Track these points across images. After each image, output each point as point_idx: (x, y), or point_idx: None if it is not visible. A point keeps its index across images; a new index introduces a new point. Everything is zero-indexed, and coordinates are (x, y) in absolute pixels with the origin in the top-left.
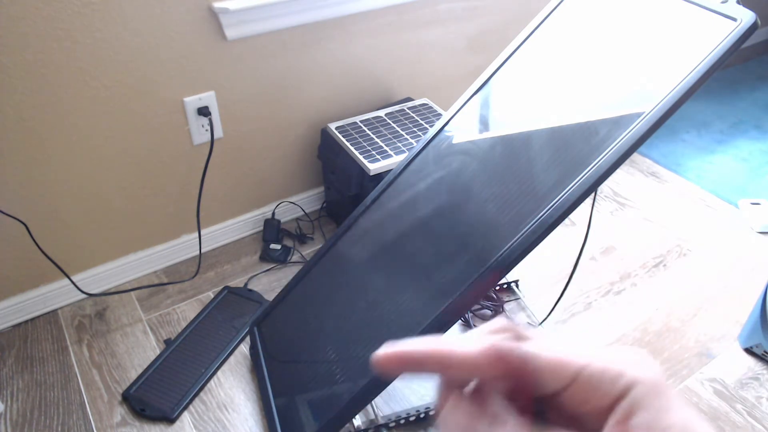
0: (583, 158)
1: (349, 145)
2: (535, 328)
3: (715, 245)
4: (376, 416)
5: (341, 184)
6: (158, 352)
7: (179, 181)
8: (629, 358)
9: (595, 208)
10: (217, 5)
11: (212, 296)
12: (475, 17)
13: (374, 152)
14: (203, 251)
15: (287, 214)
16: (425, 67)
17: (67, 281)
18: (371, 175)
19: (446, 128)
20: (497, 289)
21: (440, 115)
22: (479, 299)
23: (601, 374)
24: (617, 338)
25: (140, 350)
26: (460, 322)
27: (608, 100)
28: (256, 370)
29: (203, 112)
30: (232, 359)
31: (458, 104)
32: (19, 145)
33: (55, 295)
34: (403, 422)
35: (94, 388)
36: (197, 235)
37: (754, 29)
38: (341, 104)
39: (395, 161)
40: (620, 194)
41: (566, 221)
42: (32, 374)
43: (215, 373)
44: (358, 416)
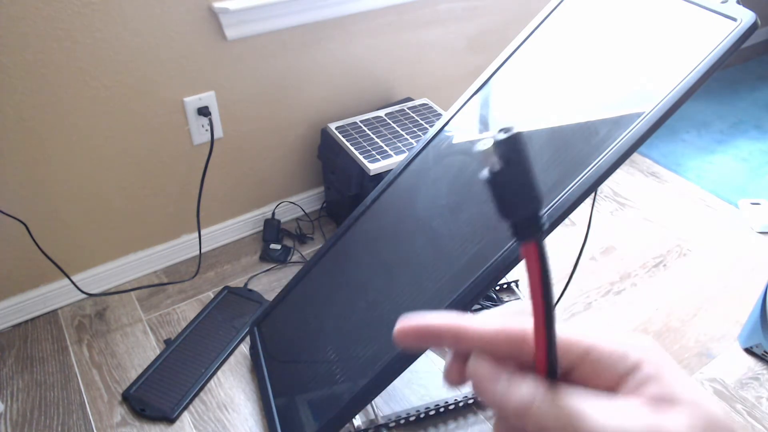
0: (583, 158)
1: (349, 145)
2: None
3: (715, 245)
4: (376, 416)
5: (341, 184)
6: (158, 352)
7: (179, 181)
8: (635, 341)
9: (595, 208)
10: (217, 5)
11: (212, 296)
12: (475, 17)
13: (374, 152)
14: (203, 251)
15: (287, 214)
16: (425, 67)
17: (67, 281)
18: (371, 175)
19: (446, 128)
20: (497, 289)
21: (440, 115)
22: (479, 299)
23: (608, 356)
24: None
25: (140, 350)
26: None
27: (608, 100)
28: (256, 370)
29: (203, 112)
30: (232, 359)
31: (458, 104)
32: (19, 145)
33: (55, 295)
34: (403, 422)
35: (94, 388)
36: (197, 235)
37: (754, 29)
38: (341, 104)
39: (395, 161)
40: (620, 194)
41: (566, 221)
42: (32, 374)
43: (215, 373)
44: (358, 416)
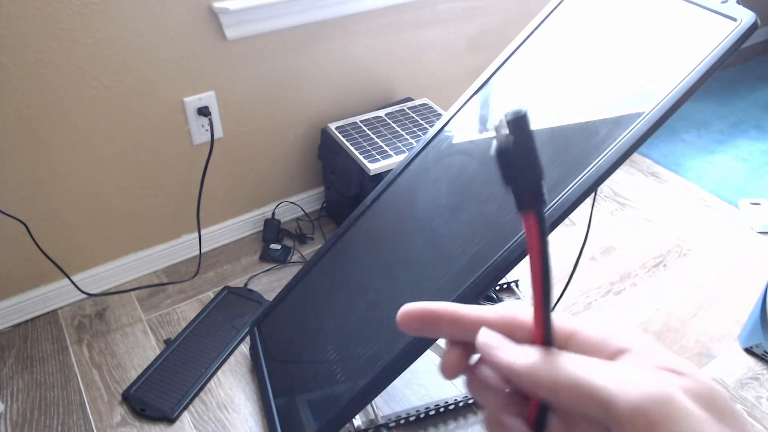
0: (583, 158)
1: (349, 145)
2: None
3: (715, 245)
4: (376, 416)
5: (341, 184)
6: (158, 352)
7: (179, 181)
8: (620, 329)
9: (595, 208)
10: (217, 5)
11: (212, 296)
12: (475, 17)
13: (374, 152)
14: (203, 251)
15: (287, 214)
16: (425, 67)
17: (67, 281)
18: (371, 175)
19: (446, 128)
20: (497, 289)
21: (440, 115)
22: (479, 299)
23: (593, 337)
24: None
25: (140, 350)
26: None
27: (608, 100)
28: (256, 370)
29: (203, 112)
30: (232, 359)
31: (458, 104)
32: (19, 145)
33: (55, 295)
34: (403, 422)
35: (94, 388)
36: (197, 235)
37: (754, 29)
38: (341, 104)
39: (395, 161)
40: (620, 194)
41: (566, 221)
42: (32, 374)
43: (215, 373)
44: (358, 416)
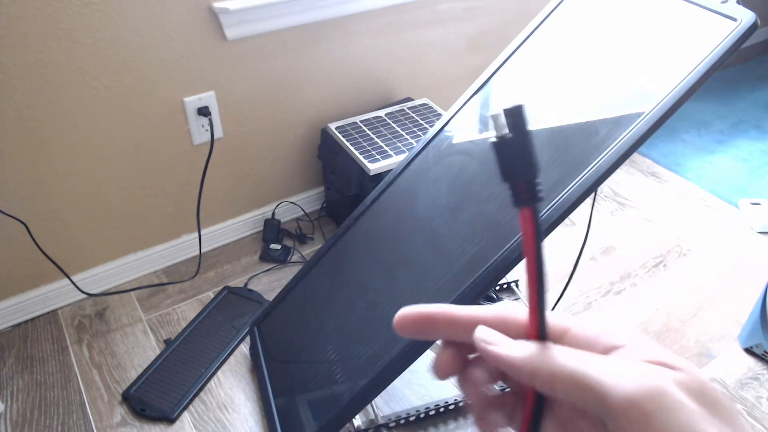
0: (583, 158)
1: (349, 145)
2: None
3: (715, 245)
4: (376, 416)
5: (341, 184)
6: (158, 352)
7: (179, 181)
8: (613, 327)
9: (595, 208)
10: (217, 5)
11: (212, 296)
12: (475, 17)
13: (374, 152)
14: (203, 251)
15: (287, 214)
16: (425, 67)
17: (67, 281)
18: (371, 175)
19: (446, 128)
20: (497, 289)
21: (440, 115)
22: (479, 299)
23: (587, 334)
24: None
25: (140, 350)
26: None
27: (608, 100)
28: (256, 370)
29: (203, 112)
30: (232, 359)
31: (458, 104)
32: (19, 145)
33: (55, 295)
34: (403, 422)
35: (94, 388)
36: (197, 235)
37: (754, 29)
38: (341, 104)
39: (395, 161)
40: (620, 194)
41: (566, 221)
42: (32, 374)
43: (215, 373)
44: (358, 416)
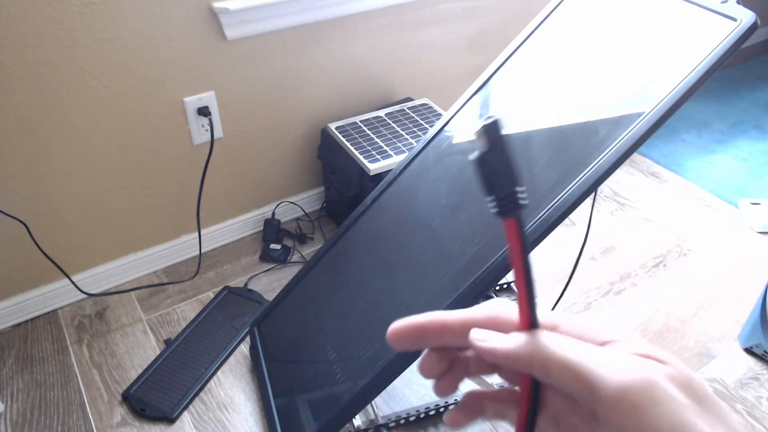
0: (583, 158)
1: (349, 145)
2: None
3: (715, 245)
4: (376, 416)
5: (341, 184)
6: (158, 352)
7: (179, 181)
8: (597, 324)
9: (595, 208)
10: (217, 5)
11: (212, 296)
12: (475, 17)
13: (374, 152)
14: (203, 251)
15: (287, 214)
16: (425, 67)
17: (67, 281)
18: (371, 175)
19: (446, 128)
20: (497, 289)
21: (440, 115)
22: (479, 299)
23: (577, 329)
24: None
25: (140, 350)
26: None
27: (608, 100)
28: (256, 370)
29: (203, 112)
30: (232, 359)
31: (458, 104)
32: (19, 145)
33: (55, 295)
34: (403, 422)
35: (94, 388)
36: (197, 235)
37: (754, 29)
38: (341, 104)
39: (395, 161)
40: (620, 194)
41: (566, 221)
42: (32, 374)
43: (215, 373)
44: (358, 416)
